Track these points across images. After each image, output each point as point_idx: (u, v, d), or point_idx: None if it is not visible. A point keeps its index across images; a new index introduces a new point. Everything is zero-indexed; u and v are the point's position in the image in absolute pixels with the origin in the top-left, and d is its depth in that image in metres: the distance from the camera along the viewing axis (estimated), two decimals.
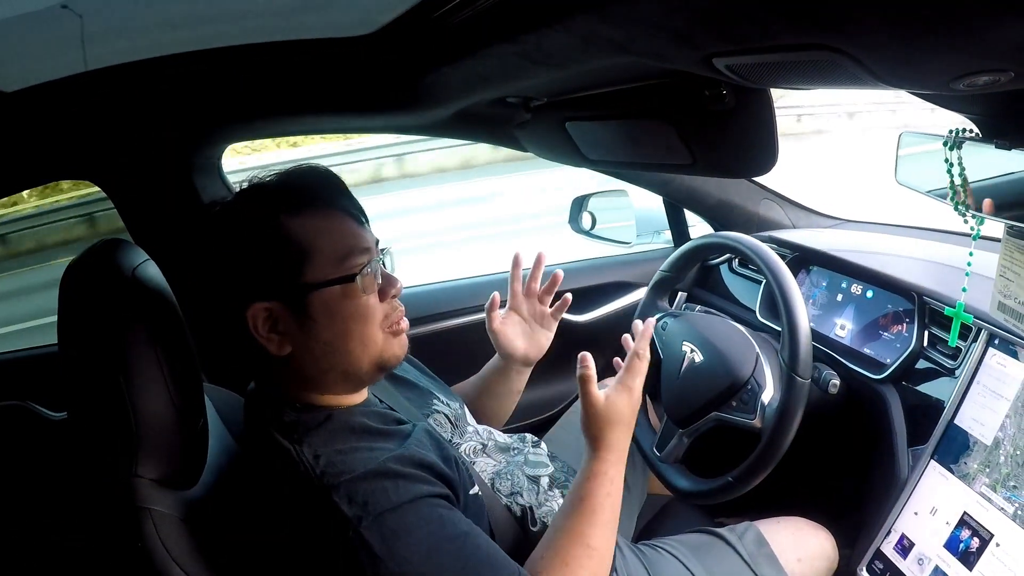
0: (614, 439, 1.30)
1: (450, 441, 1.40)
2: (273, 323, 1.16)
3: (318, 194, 1.19)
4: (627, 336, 1.53)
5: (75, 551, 1.73)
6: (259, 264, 1.15)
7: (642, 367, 1.33)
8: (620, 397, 1.30)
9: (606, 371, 2.19)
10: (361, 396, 1.28)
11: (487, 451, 1.47)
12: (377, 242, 1.25)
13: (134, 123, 1.64)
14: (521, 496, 1.42)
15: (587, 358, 1.29)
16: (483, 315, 1.58)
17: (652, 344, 1.79)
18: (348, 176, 1.44)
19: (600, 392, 1.29)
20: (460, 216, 8.64)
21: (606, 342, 2.34)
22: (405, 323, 1.26)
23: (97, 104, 1.51)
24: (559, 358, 2.03)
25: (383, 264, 1.23)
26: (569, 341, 2.34)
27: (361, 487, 1.07)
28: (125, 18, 1.13)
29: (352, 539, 1.04)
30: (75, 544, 1.72)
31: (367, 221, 1.25)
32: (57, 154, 1.72)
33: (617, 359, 1.44)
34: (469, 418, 1.55)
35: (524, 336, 1.66)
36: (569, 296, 1.67)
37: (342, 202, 1.21)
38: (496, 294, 1.62)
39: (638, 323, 1.47)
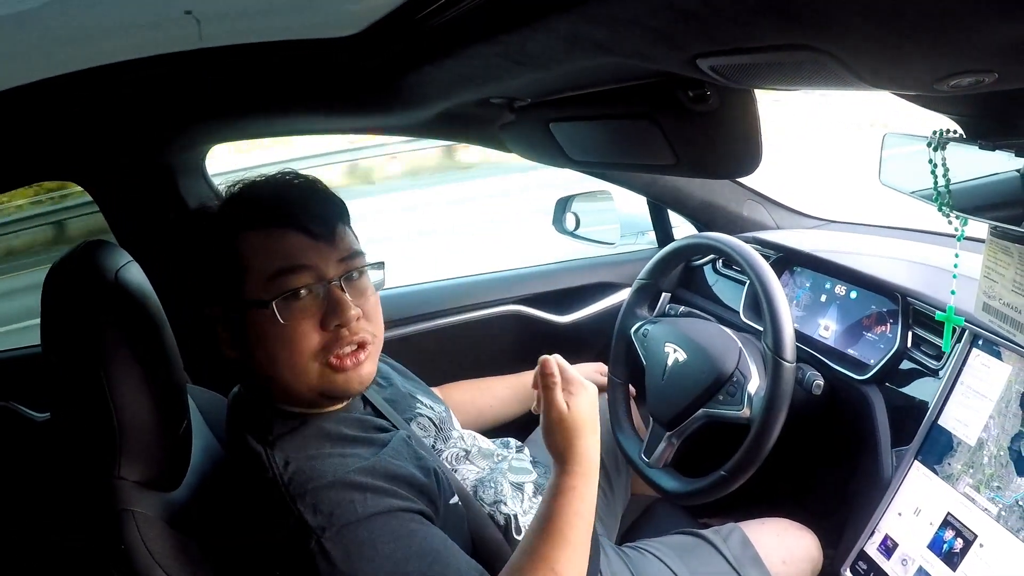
0: (583, 448, 1.20)
1: (433, 446, 1.39)
2: (225, 329, 1.18)
3: (266, 209, 1.16)
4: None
5: (58, 552, 1.72)
6: (208, 275, 1.18)
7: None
8: (580, 399, 1.21)
9: None
10: (341, 401, 1.26)
11: (470, 457, 1.45)
12: (354, 255, 1.19)
13: (117, 124, 1.63)
14: (505, 504, 1.40)
15: (549, 364, 1.24)
16: (469, 315, 1.58)
17: (634, 350, 1.79)
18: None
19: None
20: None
21: (590, 343, 2.34)
22: (362, 358, 1.17)
23: (80, 105, 1.50)
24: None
25: (342, 287, 1.15)
26: (553, 342, 2.34)
27: (327, 496, 1.06)
28: (108, 19, 1.12)
29: (314, 549, 1.03)
30: (59, 545, 1.71)
31: (330, 237, 1.17)
32: (40, 155, 1.71)
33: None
34: (454, 421, 1.54)
35: None
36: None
37: (294, 217, 1.15)
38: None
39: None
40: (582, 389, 1.23)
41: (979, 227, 1.16)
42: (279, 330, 1.12)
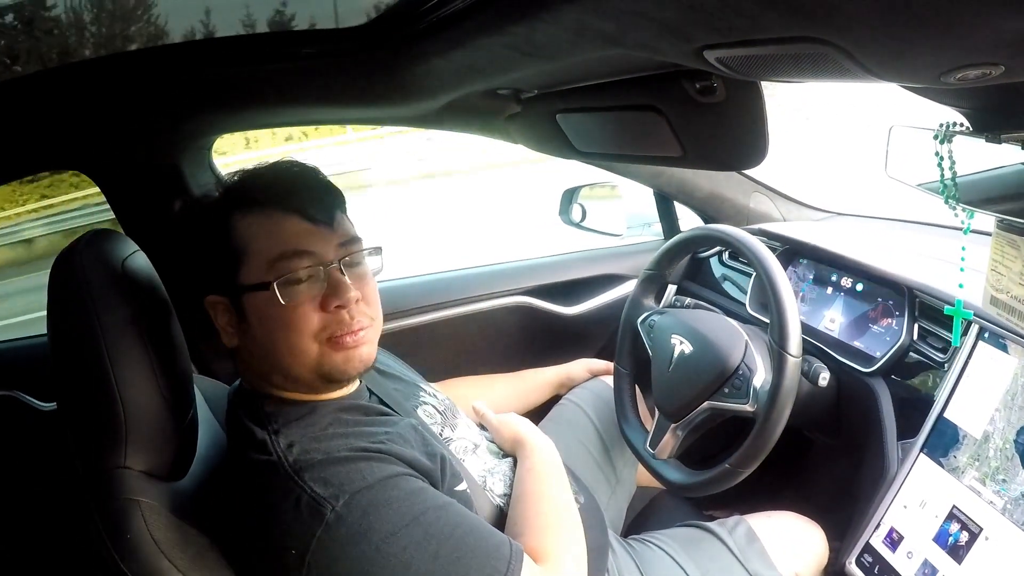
0: (526, 432, 1.49)
1: (439, 435, 1.39)
2: (226, 316, 1.19)
3: (267, 193, 1.17)
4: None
5: (63, 542, 1.73)
6: (206, 260, 1.18)
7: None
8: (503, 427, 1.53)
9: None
10: (351, 387, 1.27)
11: (477, 452, 1.46)
12: (352, 241, 1.21)
13: (123, 114, 1.63)
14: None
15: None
16: (474, 306, 1.59)
17: (640, 342, 1.79)
18: None
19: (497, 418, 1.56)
20: None
21: (595, 334, 2.34)
22: (362, 337, 1.19)
23: (86, 94, 1.50)
24: (550, 350, 2.03)
25: (341, 271, 1.17)
26: (560, 333, 2.35)
27: (334, 469, 1.07)
28: (115, 8, 1.12)
29: (330, 519, 1.03)
30: (64, 535, 1.72)
31: (329, 223, 1.19)
32: (46, 145, 1.71)
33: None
34: (459, 411, 1.54)
35: None
36: None
37: (295, 202, 1.17)
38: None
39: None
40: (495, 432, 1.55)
41: (986, 220, 1.16)
42: (280, 312, 1.13)
